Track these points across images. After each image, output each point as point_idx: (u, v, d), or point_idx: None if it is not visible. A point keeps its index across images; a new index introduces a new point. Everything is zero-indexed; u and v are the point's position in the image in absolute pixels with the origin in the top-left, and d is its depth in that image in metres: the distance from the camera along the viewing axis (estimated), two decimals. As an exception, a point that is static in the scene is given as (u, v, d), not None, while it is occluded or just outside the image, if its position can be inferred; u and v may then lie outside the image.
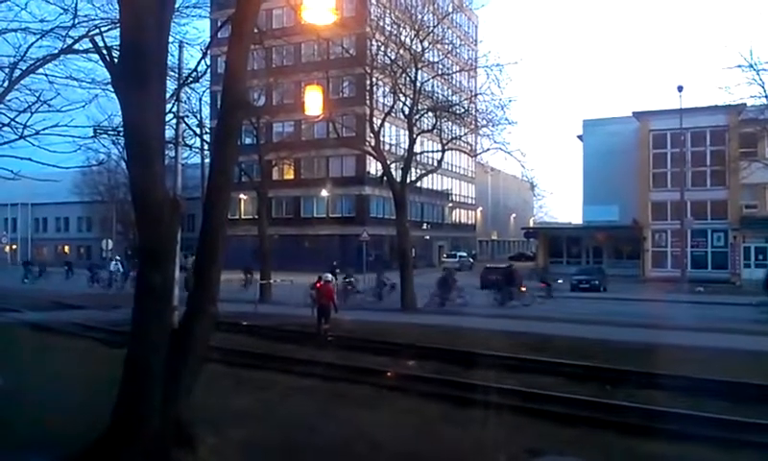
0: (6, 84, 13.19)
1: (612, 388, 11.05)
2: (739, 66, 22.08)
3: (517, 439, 7.50)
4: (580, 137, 51.08)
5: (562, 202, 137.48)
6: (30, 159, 12.49)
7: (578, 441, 7.75)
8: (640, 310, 23.80)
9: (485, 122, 26.41)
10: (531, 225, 74.38)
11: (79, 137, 13.24)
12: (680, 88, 40.82)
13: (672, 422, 8.38)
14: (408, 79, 25.89)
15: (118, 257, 35.64)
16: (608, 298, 30.62)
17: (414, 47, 25.68)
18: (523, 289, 27.93)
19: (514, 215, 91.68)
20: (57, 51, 12.84)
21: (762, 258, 39.79)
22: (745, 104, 27.55)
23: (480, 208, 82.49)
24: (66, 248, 72.69)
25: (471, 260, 61.14)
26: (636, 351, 14.02)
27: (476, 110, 27.11)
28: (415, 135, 26.19)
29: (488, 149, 28.04)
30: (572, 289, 33.88)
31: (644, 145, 44.01)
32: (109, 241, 51.47)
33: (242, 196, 51.60)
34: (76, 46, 12.65)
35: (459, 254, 61.54)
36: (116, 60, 6.78)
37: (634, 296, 30.71)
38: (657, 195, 43.32)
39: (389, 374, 12.39)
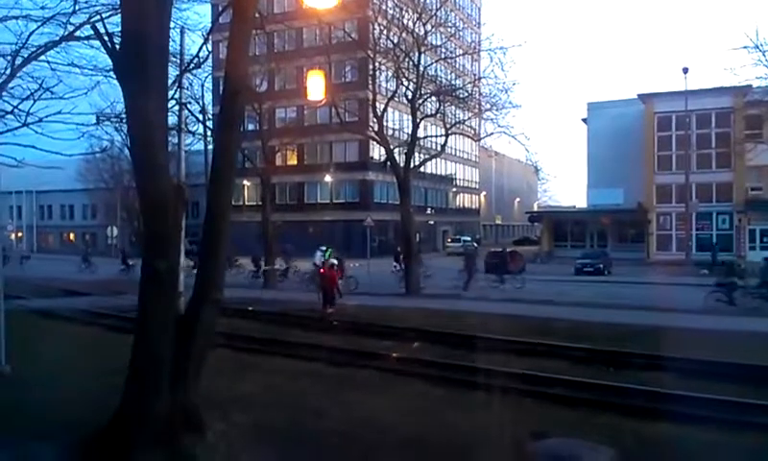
0: (8, 71, 13.16)
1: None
2: (745, 47, 21.81)
3: (524, 422, 7.52)
4: (584, 120, 50.79)
5: (566, 186, 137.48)
6: (33, 147, 12.50)
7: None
8: (651, 294, 23.55)
9: (488, 106, 26.30)
10: (535, 209, 74.21)
11: (82, 124, 13.23)
12: (685, 70, 40.68)
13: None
14: (411, 63, 25.75)
15: (323, 247, 25.89)
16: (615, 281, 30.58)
17: (416, 30, 25.51)
18: None
19: (518, 199, 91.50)
20: (58, 38, 12.80)
21: (767, 241, 39.66)
22: (751, 85, 27.28)
23: (484, 193, 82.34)
24: (71, 235, 73.03)
25: (476, 245, 61.09)
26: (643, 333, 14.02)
27: (480, 94, 26.99)
28: (418, 120, 26.09)
29: (491, 133, 27.96)
30: (576, 273, 33.87)
31: (649, 128, 43.76)
32: (114, 228, 51.64)
33: (246, 182, 51.57)
34: (77, 33, 12.61)
35: (463, 238, 61.46)
36: (118, 47, 6.75)
37: (641, 279, 30.54)
38: (661, 178, 43.15)
39: (394, 357, 12.44)
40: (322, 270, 19.00)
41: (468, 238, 63.01)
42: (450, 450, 6.86)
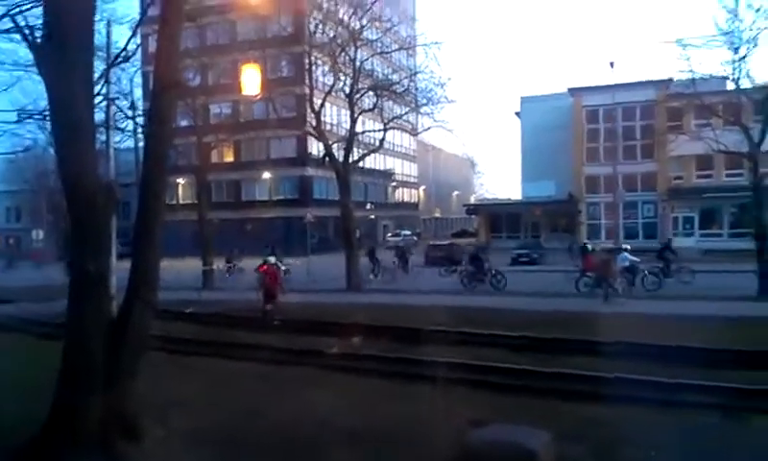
0: None
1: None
2: (668, 42, 22.89)
3: (463, 410, 7.67)
4: (518, 114, 52.07)
5: (502, 178, 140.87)
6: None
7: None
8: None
9: (425, 100, 26.56)
10: (472, 202, 75.64)
11: (2, 122, 12.53)
12: (611, 64, 42.08)
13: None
14: (347, 57, 25.68)
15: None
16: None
17: (352, 25, 25.48)
18: None
19: (456, 192, 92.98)
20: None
21: (689, 227, 41.86)
22: (672, 79, 28.66)
23: (423, 187, 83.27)
24: (-7, 239, 69.24)
25: (416, 238, 61.79)
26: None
27: (416, 89, 27.22)
28: (356, 115, 26.08)
29: (428, 127, 28.31)
30: (512, 263, 34.77)
31: (578, 121, 45.30)
32: (40, 231, 49.30)
33: (180, 180, 50.19)
34: (-6, 25, 11.91)
35: (403, 232, 62.03)
36: (40, 40, 6.46)
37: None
38: (590, 169, 44.77)
39: (335, 354, 12.42)
40: (264, 267, 18.69)
41: (409, 232, 63.67)
42: (391, 442, 6.92)
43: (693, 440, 6.89)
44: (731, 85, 22.15)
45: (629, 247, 23.19)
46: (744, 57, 20.48)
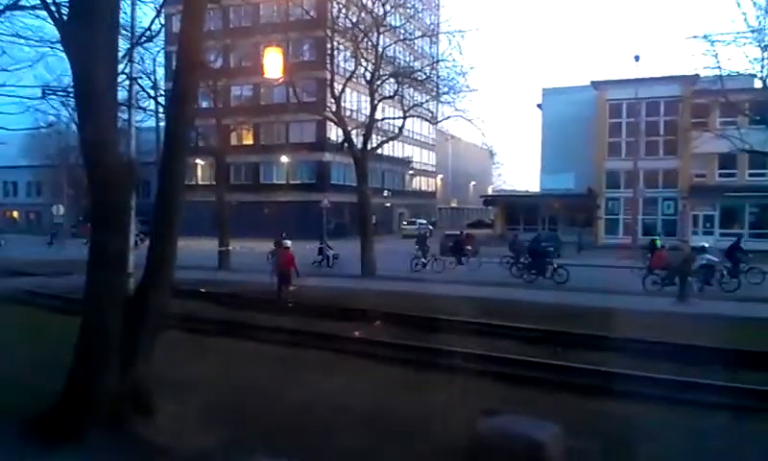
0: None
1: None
2: (694, 37, 22.42)
3: (475, 401, 7.68)
4: (539, 106, 51.58)
5: (520, 170, 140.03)
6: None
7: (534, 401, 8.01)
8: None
9: (446, 89, 26.40)
10: (490, 192, 75.24)
11: (27, 98, 12.70)
12: (636, 58, 41.75)
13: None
14: (370, 43, 25.57)
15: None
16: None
17: (375, 10, 25.34)
18: None
19: (473, 183, 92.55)
20: (1, 7, 12.19)
21: (710, 226, 41.27)
22: (698, 74, 28.15)
23: (440, 176, 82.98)
24: (15, 213, 70.34)
25: (431, 227, 61.68)
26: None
27: (438, 77, 27.05)
28: (376, 102, 26.00)
29: (449, 116, 28.14)
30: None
31: (601, 114, 44.72)
32: (61, 207, 49.95)
33: (199, 161, 50.55)
34: (22, 2, 12.03)
35: (419, 221, 61.95)
36: (65, 17, 6.51)
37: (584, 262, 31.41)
38: (611, 164, 44.25)
39: (349, 338, 12.49)
40: (286, 249, 18.76)
41: (424, 221, 63.58)
42: (406, 428, 6.96)
43: (708, 438, 6.87)
44: (758, 83, 21.71)
45: (707, 245, 21.67)
46: (773, 54, 20.04)
